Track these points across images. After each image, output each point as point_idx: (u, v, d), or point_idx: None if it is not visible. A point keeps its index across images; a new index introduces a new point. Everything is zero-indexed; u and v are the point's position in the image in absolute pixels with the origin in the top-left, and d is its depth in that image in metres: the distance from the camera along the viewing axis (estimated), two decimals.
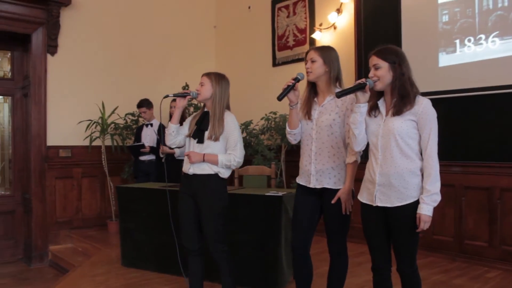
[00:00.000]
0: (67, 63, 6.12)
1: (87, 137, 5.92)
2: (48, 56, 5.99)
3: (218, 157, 3.11)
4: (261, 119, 5.80)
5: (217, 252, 3.14)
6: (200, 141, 3.17)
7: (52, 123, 6.00)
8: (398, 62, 2.44)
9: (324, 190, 2.80)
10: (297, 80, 2.80)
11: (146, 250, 4.35)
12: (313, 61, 2.80)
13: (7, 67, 6.27)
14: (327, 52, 2.83)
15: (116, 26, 6.55)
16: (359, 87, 2.45)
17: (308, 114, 2.85)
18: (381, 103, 2.52)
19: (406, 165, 2.41)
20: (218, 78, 3.21)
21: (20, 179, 6.26)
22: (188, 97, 3.18)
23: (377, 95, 2.53)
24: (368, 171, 2.54)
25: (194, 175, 3.14)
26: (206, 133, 3.14)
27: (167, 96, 3.18)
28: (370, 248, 2.60)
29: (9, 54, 6.27)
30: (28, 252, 6.00)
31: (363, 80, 2.46)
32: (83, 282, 4.05)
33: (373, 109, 2.53)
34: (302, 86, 2.85)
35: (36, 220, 5.90)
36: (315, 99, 2.87)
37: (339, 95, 2.48)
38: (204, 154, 3.11)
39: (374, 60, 2.47)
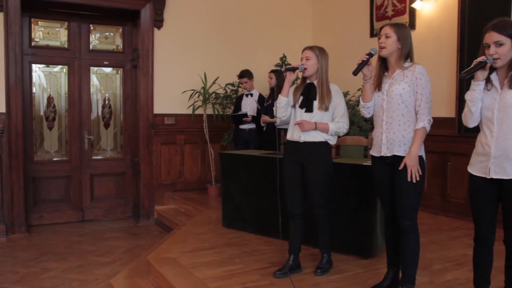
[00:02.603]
0: (172, 36, 6.49)
1: (190, 106, 6.29)
2: (155, 30, 6.39)
3: (328, 125, 3.27)
4: (358, 90, 5.78)
5: (321, 215, 3.35)
6: (309, 110, 3.33)
7: (158, 93, 6.43)
8: None
9: (395, 159, 2.83)
10: (370, 55, 2.90)
11: (246, 213, 4.63)
12: (387, 37, 2.83)
13: (119, 41, 6.78)
14: (402, 29, 2.86)
15: (217, 1, 6.79)
16: (481, 66, 2.40)
17: (379, 86, 2.92)
18: (494, 77, 2.48)
19: None
20: (322, 51, 3.36)
21: (130, 144, 6.82)
22: (297, 71, 3.34)
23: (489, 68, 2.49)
24: (481, 144, 2.53)
25: (305, 142, 3.31)
26: (315, 103, 3.30)
27: (279, 70, 3.35)
28: (476, 219, 2.61)
29: (121, 29, 6.76)
30: (137, 211, 6.58)
31: (484, 58, 2.40)
32: (189, 239, 4.41)
33: (486, 82, 2.49)
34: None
35: (143, 182, 6.42)
36: (386, 73, 2.92)
37: (464, 76, 2.43)
38: (315, 122, 3.27)
39: (495, 36, 2.39)
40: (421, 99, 2.77)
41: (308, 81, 3.41)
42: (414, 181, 2.74)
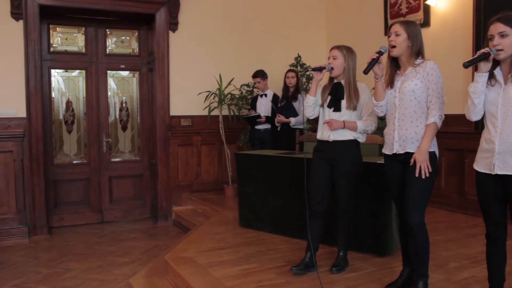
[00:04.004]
0: (187, 39, 6.56)
1: (206, 107, 6.35)
2: (170, 33, 6.46)
3: (357, 123, 3.30)
4: (372, 89, 5.76)
5: (346, 213, 3.39)
6: (337, 109, 3.36)
7: (174, 95, 6.51)
8: None
9: (408, 156, 2.82)
10: (380, 53, 2.90)
11: (262, 213, 4.66)
12: (397, 35, 2.83)
13: (135, 45, 6.88)
14: (412, 26, 2.85)
15: (230, 3, 6.84)
16: (484, 57, 2.40)
17: (391, 84, 2.92)
18: (497, 72, 2.49)
19: None
20: (349, 51, 3.38)
21: (147, 146, 6.91)
22: (324, 70, 3.36)
23: (492, 63, 2.49)
24: (485, 141, 2.54)
25: (334, 141, 3.34)
26: (343, 102, 3.33)
27: (307, 70, 3.37)
28: (485, 216, 2.61)
29: (137, 33, 6.85)
30: (155, 212, 6.66)
31: (487, 49, 2.40)
32: (205, 239, 4.46)
33: (489, 78, 2.50)
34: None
35: (161, 183, 6.50)
36: (398, 71, 2.93)
37: (467, 65, 2.43)
38: (344, 121, 3.30)
39: (500, 27, 2.39)
40: (433, 94, 2.77)
41: (335, 81, 3.43)
42: (423, 176, 2.73)
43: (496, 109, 2.46)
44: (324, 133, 3.40)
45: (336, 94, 3.38)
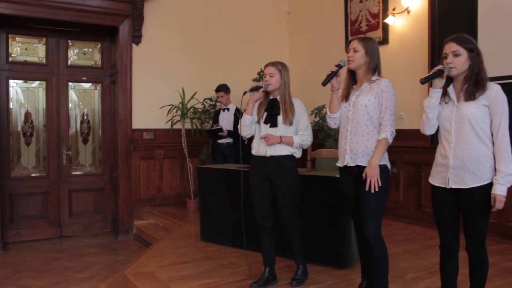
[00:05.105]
0: (150, 52, 6.55)
1: (168, 120, 6.32)
2: (133, 45, 6.44)
3: (293, 138, 3.34)
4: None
5: (293, 228, 3.40)
6: (274, 125, 3.39)
7: (136, 108, 6.46)
8: (477, 52, 2.53)
9: (359, 169, 2.89)
10: (339, 66, 3.00)
11: (223, 227, 4.65)
12: (355, 51, 2.92)
13: (97, 57, 6.81)
14: (369, 44, 2.95)
15: (194, 16, 6.88)
16: (439, 74, 2.54)
17: (346, 98, 3.01)
18: (450, 90, 2.63)
19: (480, 148, 2.51)
20: (284, 67, 3.43)
21: (108, 159, 6.81)
22: (261, 89, 3.39)
23: (445, 82, 2.62)
24: (440, 155, 2.65)
25: (271, 157, 3.36)
26: (279, 118, 3.36)
27: (245, 93, 3.39)
28: (440, 228, 2.71)
29: (99, 45, 6.79)
30: (115, 226, 6.55)
31: (441, 66, 2.55)
32: (166, 253, 4.41)
33: (443, 95, 2.63)
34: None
35: (122, 197, 6.41)
36: (354, 86, 3.02)
37: (424, 81, 2.58)
38: (280, 136, 3.33)
39: (453, 46, 2.54)
40: (385, 111, 2.85)
41: (271, 97, 3.47)
42: (372, 191, 2.78)
43: (450, 126, 2.58)
44: (260, 149, 3.41)
45: (272, 110, 3.41)
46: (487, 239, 2.67)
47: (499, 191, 2.46)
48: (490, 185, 2.50)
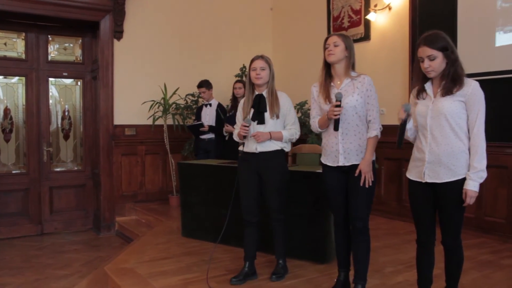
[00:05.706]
0: (132, 48, 6.49)
1: (150, 116, 6.30)
2: (115, 41, 6.38)
3: (282, 133, 3.37)
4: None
5: (277, 221, 3.43)
6: (261, 122, 3.39)
7: (118, 104, 6.41)
8: (451, 49, 2.54)
9: (351, 166, 2.94)
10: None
11: (205, 222, 4.65)
12: (336, 45, 2.94)
13: (78, 52, 6.73)
14: (348, 40, 2.99)
15: (176, 12, 6.83)
16: (405, 125, 2.63)
17: (328, 98, 2.99)
18: (428, 86, 2.65)
19: (455, 143, 2.53)
20: (270, 60, 3.43)
21: (90, 155, 6.75)
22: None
23: (423, 78, 2.65)
24: (417, 150, 2.69)
25: (261, 152, 3.38)
26: (266, 114, 3.37)
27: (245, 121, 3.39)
28: (416, 222, 2.75)
29: (80, 40, 6.72)
30: (97, 223, 6.50)
31: (403, 117, 2.60)
32: (147, 249, 4.40)
33: (420, 92, 2.67)
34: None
35: (104, 193, 6.36)
36: (332, 83, 3.01)
37: (400, 143, 2.63)
38: (270, 132, 3.35)
39: (427, 51, 2.54)
40: (373, 109, 2.92)
41: (257, 92, 3.46)
42: (367, 186, 2.87)
43: (426, 121, 2.61)
44: (249, 145, 3.42)
45: (259, 107, 3.41)
46: (465, 233, 2.72)
47: (470, 186, 2.49)
48: (464, 180, 2.53)
